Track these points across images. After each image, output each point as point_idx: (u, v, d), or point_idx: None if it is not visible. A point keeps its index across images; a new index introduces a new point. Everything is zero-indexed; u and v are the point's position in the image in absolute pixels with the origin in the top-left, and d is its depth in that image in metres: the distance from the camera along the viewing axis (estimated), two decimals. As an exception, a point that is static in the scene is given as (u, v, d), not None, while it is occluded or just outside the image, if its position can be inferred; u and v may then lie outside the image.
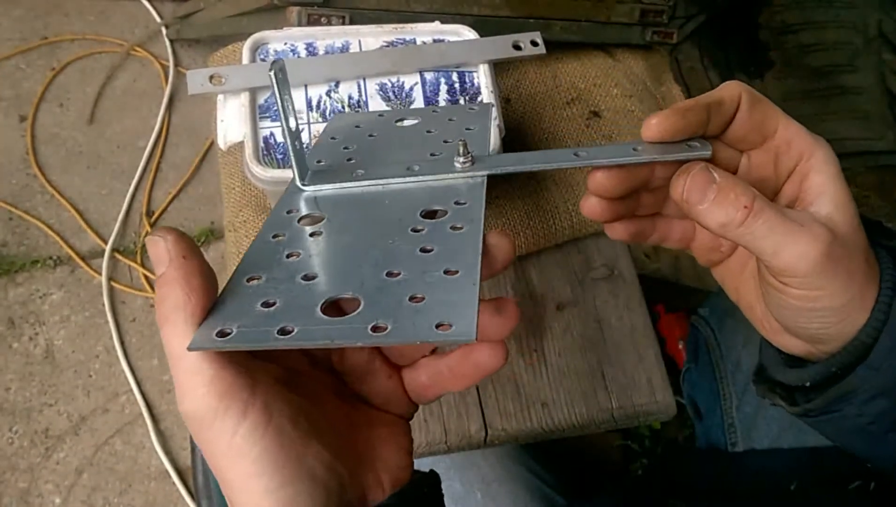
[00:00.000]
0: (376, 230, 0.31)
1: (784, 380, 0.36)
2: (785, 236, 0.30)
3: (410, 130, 0.40)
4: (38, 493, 0.89)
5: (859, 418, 0.33)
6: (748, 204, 0.30)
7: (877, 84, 1.08)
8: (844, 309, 0.31)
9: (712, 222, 0.31)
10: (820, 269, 0.30)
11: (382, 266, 0.29)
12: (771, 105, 0.33)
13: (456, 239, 0.30)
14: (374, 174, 0.34)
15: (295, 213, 0.33)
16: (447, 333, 0.25)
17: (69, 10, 1.19)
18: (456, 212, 0.32)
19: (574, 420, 0.58)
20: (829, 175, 0.32)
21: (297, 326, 0.26)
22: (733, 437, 0.60)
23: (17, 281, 1.00)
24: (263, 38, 0.54)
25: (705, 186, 0.31)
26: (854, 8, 1.08)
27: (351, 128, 0.41)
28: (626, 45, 0.72)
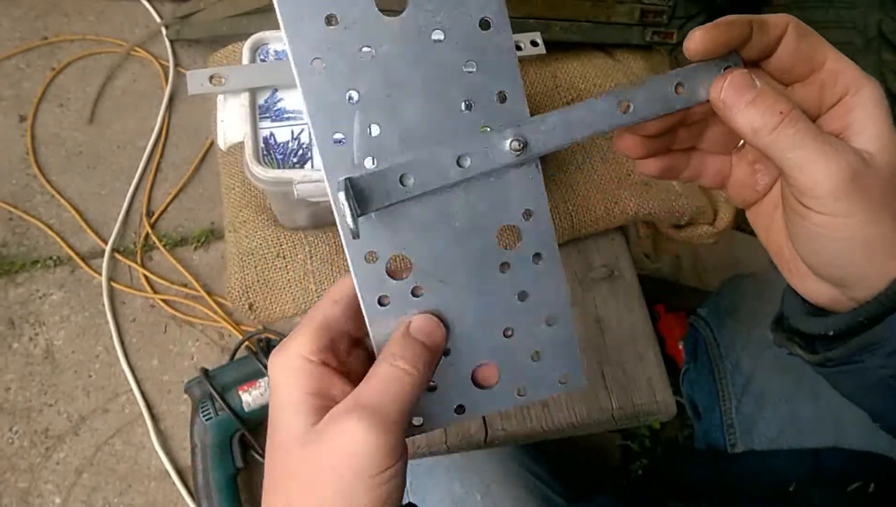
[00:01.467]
0: (466, 271, 0.33)
1: (806, 329, 0.35)
2: (814, 152, 0.29)
3: (418, 42, 0.30)
4: (38, 493, 0.89)
5: (882, 369, 0.32)
6: (784, 110, 0.30)
7: (877, 84, 1.07)
8: (872, 246, 0.30)
9: (745, 125, 0.31)
10: (844, 193, 0.29)
11: (494, 323, 0.34)
12: (820, 38, 0.32)
13: (540, 275, 0.34)
14: (422, 178, 0.31)
15: (378, 261, 0.32)
16: (566, 385, 0.35)
17: (69, 10, 1.19)
18: (526, 229, 0.33)
19: (574, 420, 0.58)
20: (873, 113, 0.31)
21: (464, 402, 0.35)
22: (732, 437, 0.60)
23: (17, 281, 1.00)
24: (263, 39, 0.54)
25: (744, 89, 0.31)
26: (854, 8, 1.08)
27: (324, 28, 0.30)
28: (626, 45, 0.72)
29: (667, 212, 0.62)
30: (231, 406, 0.85)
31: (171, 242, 1.05)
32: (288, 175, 0.48)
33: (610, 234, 0.65)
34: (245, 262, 0.57)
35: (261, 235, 0.58)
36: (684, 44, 0.31)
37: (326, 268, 0.57)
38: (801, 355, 0.35)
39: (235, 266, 0.58)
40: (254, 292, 0.57)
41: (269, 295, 0.57)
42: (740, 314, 0.67)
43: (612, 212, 0.62)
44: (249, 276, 0.57)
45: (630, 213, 0.62)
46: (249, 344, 0.90)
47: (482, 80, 0.31)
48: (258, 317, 0.57)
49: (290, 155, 0.51)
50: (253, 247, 0.58)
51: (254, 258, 0.57)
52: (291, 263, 0.57)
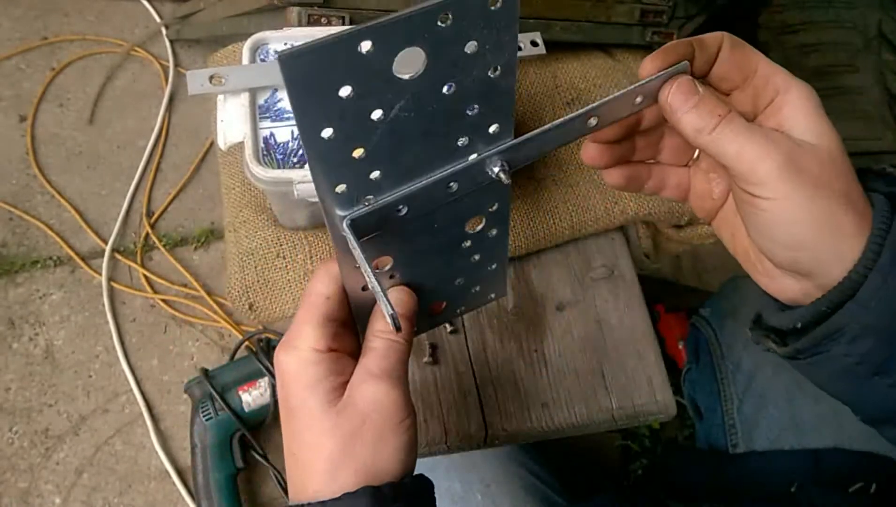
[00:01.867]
0: (438, 255, 0.39)
1: (777, 324, 0.37)
2: (749, 141, 0.32)
3: (428, 96, 0.30)
4: (38, 493, 0.89)
5: (846, 358, 0.34)
6: (722, 113, 0.33)
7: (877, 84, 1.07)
8: (819, 224, 0.32)
9: (688, 127, 0.34)
10: (780, 173, 0.32)
11: (450, 278, 0.42)
12: (751, 48, 0.36)
13: (493, 242, 0.41)
14: (417, 208, 0.34)
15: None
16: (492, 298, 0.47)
17: (69, 10, 1.19)
18: (490, 215, 0.38)
19: (574, 420, 0.58)
20: (804, 108, 0.34)
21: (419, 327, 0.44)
22: (734, 438, 0.60)
23: (17, 281, 1.00)
24: (263, 39, 0.54)
25: (688, 94, 0.34)
26: (854, 8, 1.08)
27: (334, 96, 0.28)
28: (626, 45, 0.72)
29: (667, 212, 0.62)
30: (231, 406, 0.85)
31: (171, 242, 1.05)
32: (288, 175, 0.48)
33: (610, 234, 0.65)
34: (245, 262, 0.57)
35: (261, 235, 0.58)
36: (640, 70, 0.36)
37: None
38: (774, 349, 0.37)
39: (235, 266, 0.57)
40: (254, 292, 0.57)
41: (269, 295, 0.57)
42: (742, 315, 0.67)
43: (612, 212, 0.62)
44: (249, 276, 0.57)
45: (630, 213, 0.62)
46: (249, 344, 0.90)
47: (481, 118, 0.33)
48: (258, 317, 0.57)
49: (290, 155, 0.51)
50: (253, 247, 0.58)
51: (254, 258, 0.57)
52: (291, 263, 0.57)
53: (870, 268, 0.32)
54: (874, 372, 0.34)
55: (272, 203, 0.58)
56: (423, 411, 0.57)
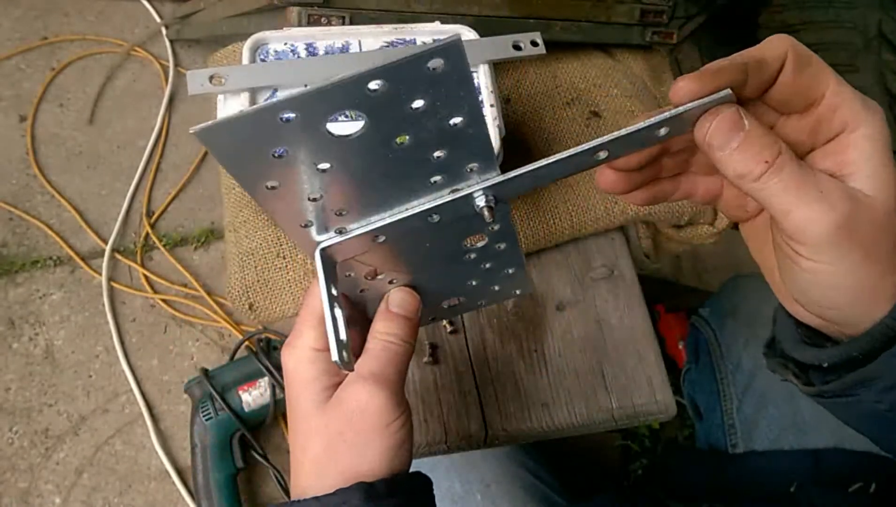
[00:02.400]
0: (434, 267, 0.38)
1: (799, 358, 0.35)
2: (800, 198, 0.28)
3: (378, 147, 0.28)
4: (38, 493, 0.89)
5: (877, 404, 0.32)
6: (770, 159, 0.29)
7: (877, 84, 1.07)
8: (858, 292, 0.30)
9: (730, 171, 0.30)
10: (831, 240, 0.28)
11: (460, 282, 0.41)
12: (823, 66, 0.30)
13: (504, 255, 0.39)
14: (394, 236, 0.33)
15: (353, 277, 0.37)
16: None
17: (69, 10, 1.19)
18: (493, 235, 0.37)
19: (574, 420, 0.58)
20: (870, 152, 0.29)
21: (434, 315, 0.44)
22: (734, 438, 0.60)
23: (17, 281, 1.00)
24: (263, 39, 0.54)
25: (732, 131, 0.29)
26: (854, 8, 1.08)
27: (266, 157, 0.27)
28: (626, 45, 0.72)
29: (667, 212, 0.62)
30: (231, 406, 0.85)
31: (171, 242, 1.05)
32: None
33: (610, 234, 0.65)
34: (245, 262, 0.57)
35: (261, 235, 0.58)
36: (670, 94, 0.30)
37: (326, 268, 0.57)
38: (795, 384, 0.35)
39: (235, 266, 0.57)
40: (254, 292, 0.57)
41: (269, 295, 0.57)
42: (742, 315, 0.67)
43: (612, 212, 0.62)
44: (249, 276, 0.57)
45: (630, 213, 0.62)
46: (249, 344, 0.90)
47: (453, 161, 0.30)
48: (258, 317, 0.57)
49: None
50: (253, 247, 0.58)
51: (254, 258, 0.57)
52: (291, 263, 0.57)
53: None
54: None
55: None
56: (423, 412, 0.57)
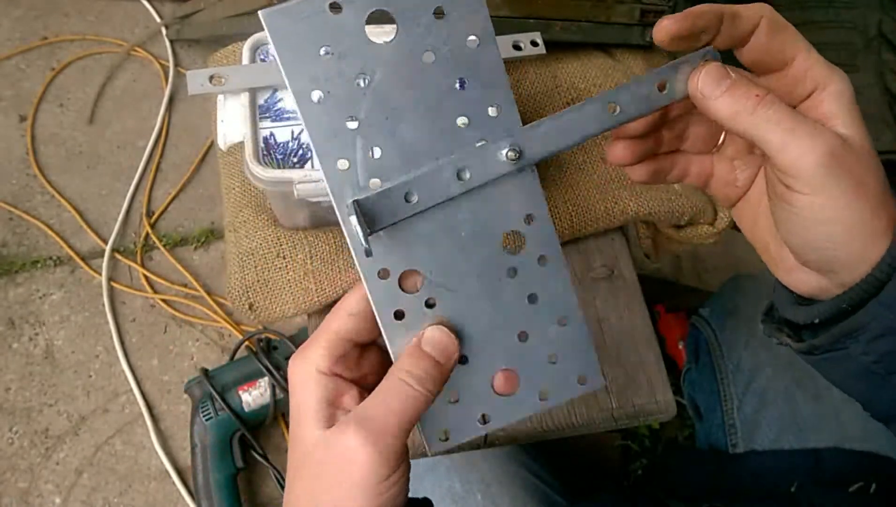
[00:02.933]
0: (476, 280, 0.34)
1: (793, 318, 0.36)
2: (794, 130, 0.30)
3: (408, 65, 0.31)
4: (38, 493, 0.89)
5: (864, 356, 0.32)
6: (760, 94, 0.31)
7: (877, 84, 1.07)
8: (853, 227, 0.31)
9: (724, 111, 0.32)
10: (825, 169, 0.30)
11: (508, 327, 0.35)
12: (794, 33, 0.33)
13: (547, 277, 0.35)
14: (424, 194, 0.32)
15: (391, 277, 0.34)
16: (585, 385, 0.36)
17: (69, 10, 1.19)
18: (529, 233, 0.34)
19: (574, 420, 0.58)
20: (842, 104, 0.32)
21: (487, 411, 0.35)
22: (734, 438, 0.60)
23: (17, 281, 1.00)
24: (263, 39, 0.54)
25: (719, 78, 0.32)
26: (854, 8, 1.08)
27: (318, 57, 0.31)
28: (626, 45, 0.72)
29: (667, 212, 0.62)
30: (231, 406, 0.85)
31: (171, 243, 1.05)
32: (288, 175, 0.48)
33: (610, 234, 0.65)
34: (245, 262, 0.57)
35: (261, 235, 0.58)
36: (653, 32, 0.33)
37: (326, 268, 0.57)
38: (789, 343, 0.36)
39: (235, 266, 0.57)
40: (254, 292, 0.57)
41: (269, 295, 0.57)
42: (742, 315, 0.67)
43: (612, 212, 0.61)
44: (249, 276, 0.57)
45: (630, 213, 0.62)
46: (249, 344, 0.90)
47: (475, 95, 0.32)
48: (258, 317, 0.57)
49: (290, 155, 0.51)
50: (253, 247, 0.58)
51: (254, 258, 0.57)
52: (291, 263, 0.57)
53: (895, 267, 0.31)
54: (891, 371, 0.33)
55: (272, 203, 0.58)
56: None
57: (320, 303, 0.56)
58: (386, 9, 0.30)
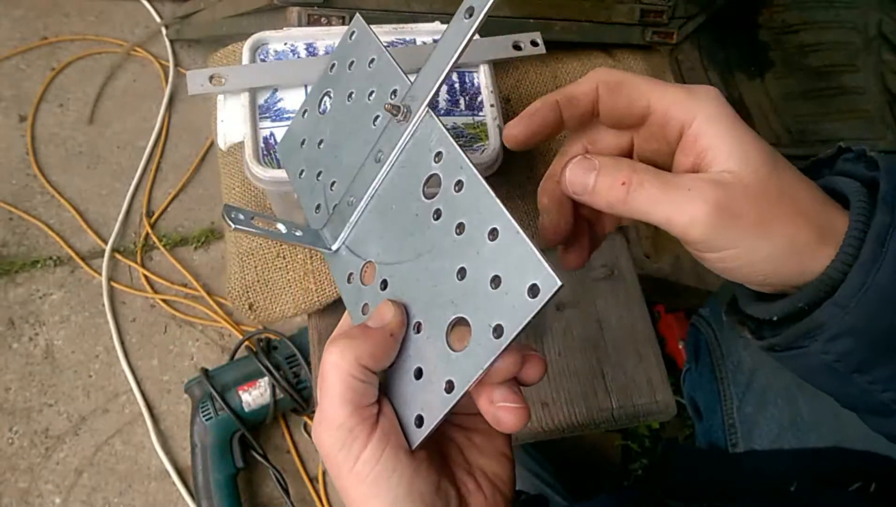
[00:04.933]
0: (411, 241, 0.33)
1: (753, 313, 0.35)
2: (671, 204, 0.30)
3: (339, 111, 0.41)
4: (38, 493, 0.89)
5: (824, 355, 0.32)
6: (626, 179, 0.30)
7: (877, 84, 1.07)
8: (771, 261, 0.30)
9: (602, 205, 0.32)
10: (715, 227, 0.29)
11: (447, 272, 0.31)
12: (636, 83, 0.32)
13: (466, 199, 0.31)
14: (360, 192, 0.37)
15: (354, 277, 0.37)
16: (538, 296, 0.28)
17: (69, 10, 1.19)
18: (442, 168, 0.33)
19: (574, 420, 0.58)
20: (717, 131, 0.30)
21: (451, 376, 0.30)
22: (734, 437, 0.60)
23: (17, 281, 1.00)
24: (263, 39, 0.54)
25: (586, 173, 0.32)
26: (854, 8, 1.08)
27: (300, 148, 0.43)
28: (626, 45, 0.72)
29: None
30: (231, 406, 0.85)
31: (171, 243, 1.05)
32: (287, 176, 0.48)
33: (610, 234, 0.65)
34: (245, 262, 0.57)
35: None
36: (504, 140, 0.34)
37: (326, 268, 0.57)
38: (751, 339, 0.35)
39: (235, 266, 0.57)
40: (254, 292, 0.57)
41: (269, 295, 0.57)
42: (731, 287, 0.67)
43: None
44: (249, 276, 0.57)
45: (630, 213, 0.62)
46: (249, 344, 0.90)
47: (378, 96, 0.38)
48: (258, 317, 0.57)
49: (291, 155, 0.51)
50: (253, 247, 0.58)
51: (254, 258, 0.57)
52: (291, 263, 0.57)
53: (849, 265, 0.29)
54: (853, 370, 0.32)
55: (272, 203, 0.58)
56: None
57: (320, 303, 0.56)
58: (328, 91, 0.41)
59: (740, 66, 1.17)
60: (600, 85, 0.33)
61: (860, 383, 0.33)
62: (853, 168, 0.33)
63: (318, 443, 0.30)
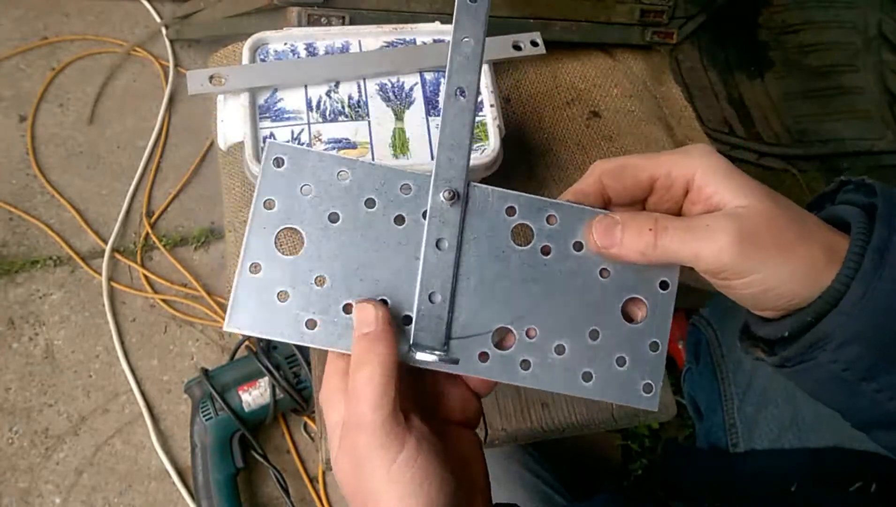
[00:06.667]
0: (533, 288, 0.37)
1: (765, 335, 0.38)
2: (697, 241, 0.33)
3: (331, 238, 0.35)
4: (38, 493, 0.89)
5: (833, 364, 0.34)
6: (652, 226, 0.34)
7: (877, 84, 1.07)
8: (793, 281, 0.33)
9: (632, 255, 0.35)
10: (741, 254, 0.32)
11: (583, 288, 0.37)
12: (634, 161, 0.36)
13: (565, 220, 0.37)
14: (438, 285, 0.36)
15: (487, 349, 0.37)
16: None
17: (69, 10, 1.19)
18: (521, 213, 0.37)
19: (574, 420, 0.58)
20: (718, 180, 0.34)
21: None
22: (734, 437, 0.60)
23: (17, 281, 1.00)
24: (263, 39, 0.54)
25: (611, 229, 0.35)
26: (854, 8, 1.08)
27: (280, 303, 0.35)
28: (626, 45, 0.72)
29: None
30: (231, 406, 0.85)
31: (171, 243, 1.05)
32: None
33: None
34: (245, 262, 0.57)
35: (261, 235, 0.58)
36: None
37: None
38: (763, 358, 0.38)
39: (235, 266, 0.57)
40: (254, 291, 0.57)
41: (269, 295, 0.57)
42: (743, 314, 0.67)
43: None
44: (249, 276, 0.57)
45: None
46: (249, 344, 0.90)
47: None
48: (258, 317, 0.57)
49: (291, 155, 0.51)
50: (253, 247, 0.58)
51: (254, 258, 0.57)
52: (291, 263, 0.57)
53: (851, 278, 0.32)
54: (861, 378, 0.34)
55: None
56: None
57: (320, 303, 0.56)
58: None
59: (740, 67, 1.17)
60: (603, 175, 0.36)
61: (868, 392, 0.34)
62: (853, 197, 0.36)
63: (352, 446, 0.32)
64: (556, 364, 0.36)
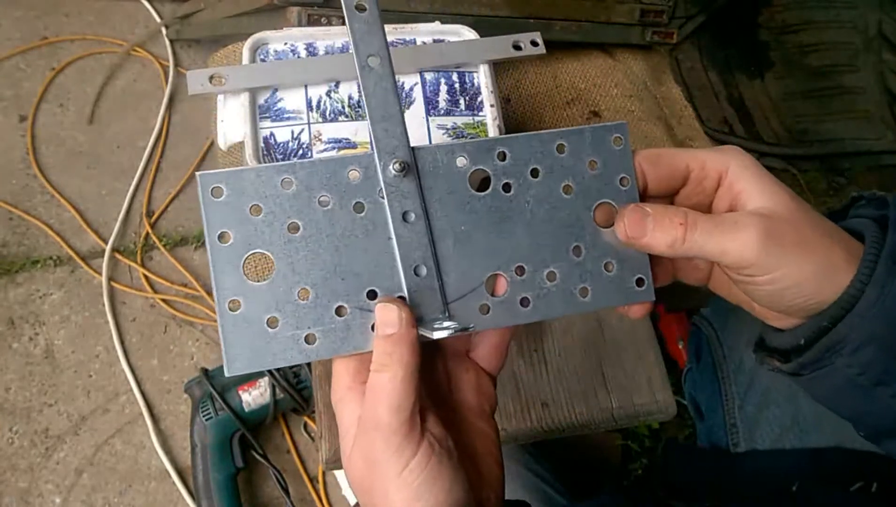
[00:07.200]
0: (509, 226, 0.37)
1: (780, 345, 0.38)
2: (724, 235, 0.34)
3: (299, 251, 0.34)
4: (38, 493, 0.89)
5: (849, 369, 0.34)
6: (682, 221, 0.34)
7: (877, 84, 1.08)
8: (815, 279, 0.34)
9: (661, 246, 0.35)
10: (766, 249, 0.33)
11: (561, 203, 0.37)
12: (672, 152, 0.37)
13: (517, 148, 0.37)
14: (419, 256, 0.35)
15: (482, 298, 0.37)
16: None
17: (69, 10, 1.19)
18: (471, 159, 0.36)
19: (574, 420, 0.58)
20: (748, 177, 0.35)
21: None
22: (735, 437, 0.60)
23: (17, 281, 1.00)
24: (263, 39, 0.54)
25: (642, 220, 0.36)
26: (854, 8, 1.08)
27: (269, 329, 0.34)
28: (626, 45, 0.72)
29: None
30: (231, 406, 0.85)
31: (171, 242, 1.05)
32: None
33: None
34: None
35: (261, 234, 0.58)
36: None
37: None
38: (779, 367, 0.38)
39: (236, 266, 0.57)
40: (254, 291, 0.57)
41: (269, 295, 0.57)
42: (744, 314, 0.67)
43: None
44: (250, 276, 0.57)
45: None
46: (249, 344, 0.89)
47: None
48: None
49: (290, 155, 0.51)
50: (253, 247, 0.58)
51: (253, 257, 0.57)
52: (292, 262, 0.57)
53: (866, 282, 0.33)
54: (876, 382, 0.35)
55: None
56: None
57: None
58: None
59: (740, 67, 1.17)
60: (643, 160, 0.37)
61: (883, 397, 0.35)
62: (865, 211, 0.38)
63: (368, 445, 0.33)
64: (552, 291, 0.37)
